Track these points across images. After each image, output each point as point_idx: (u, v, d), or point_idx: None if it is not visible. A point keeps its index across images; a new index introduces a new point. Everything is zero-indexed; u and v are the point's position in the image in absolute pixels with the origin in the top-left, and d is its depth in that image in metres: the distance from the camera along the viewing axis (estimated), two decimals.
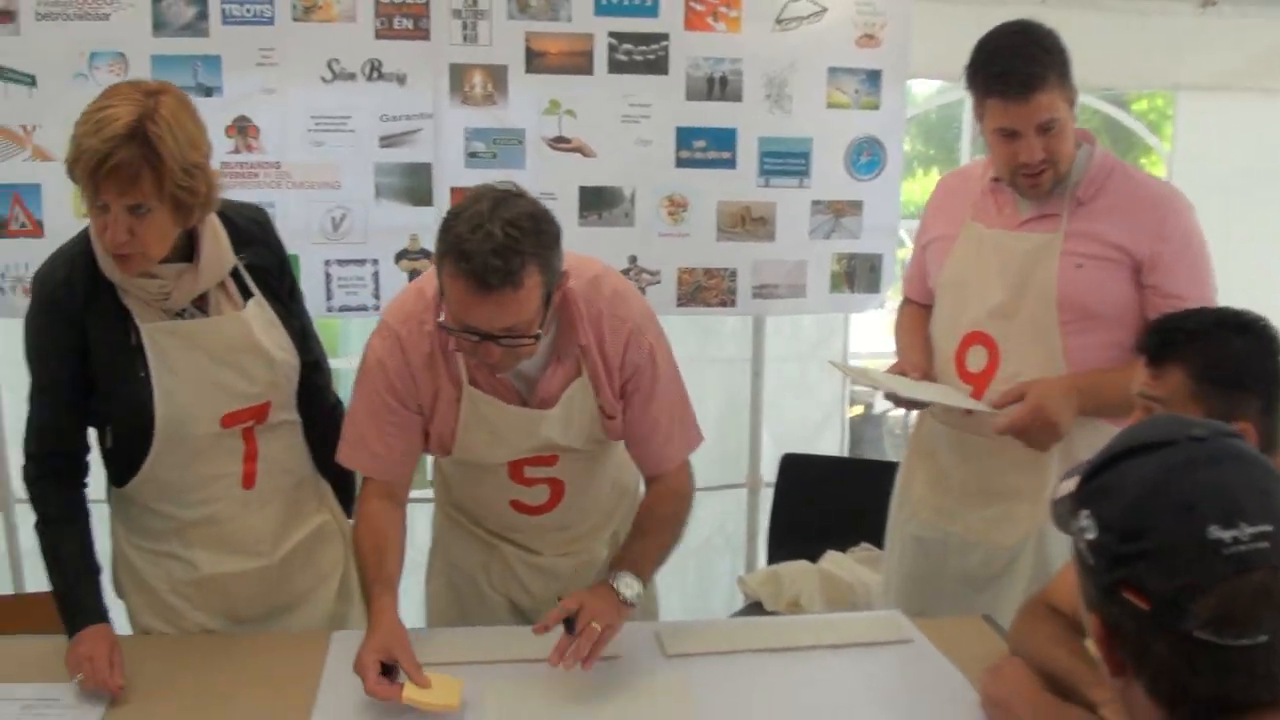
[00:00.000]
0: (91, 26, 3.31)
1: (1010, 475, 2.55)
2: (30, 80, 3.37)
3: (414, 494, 2.39)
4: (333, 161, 3.44)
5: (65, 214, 3.20)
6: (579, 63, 3.46)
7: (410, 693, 1.97)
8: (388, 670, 1.99)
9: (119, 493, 2.35)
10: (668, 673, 2.15)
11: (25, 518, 3.74)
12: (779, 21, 3.50)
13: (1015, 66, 2.33)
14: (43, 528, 2.26)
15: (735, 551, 4.18)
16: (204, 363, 2.21)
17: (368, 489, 2.31)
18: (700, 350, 3.98)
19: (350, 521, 2.45)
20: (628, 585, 2.11)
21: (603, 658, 2.10)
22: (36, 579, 3.74)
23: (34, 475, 2.28)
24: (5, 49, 3.33)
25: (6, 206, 3.43)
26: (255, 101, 3.39)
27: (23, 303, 3.39)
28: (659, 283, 3.59)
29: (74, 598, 2.21)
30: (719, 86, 3.52)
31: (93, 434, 2.31)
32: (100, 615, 2.20)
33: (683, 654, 2.21)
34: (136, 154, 1.95)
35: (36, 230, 3.42)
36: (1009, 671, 1.94)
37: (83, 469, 2.30)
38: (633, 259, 3.57)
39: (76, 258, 2.17)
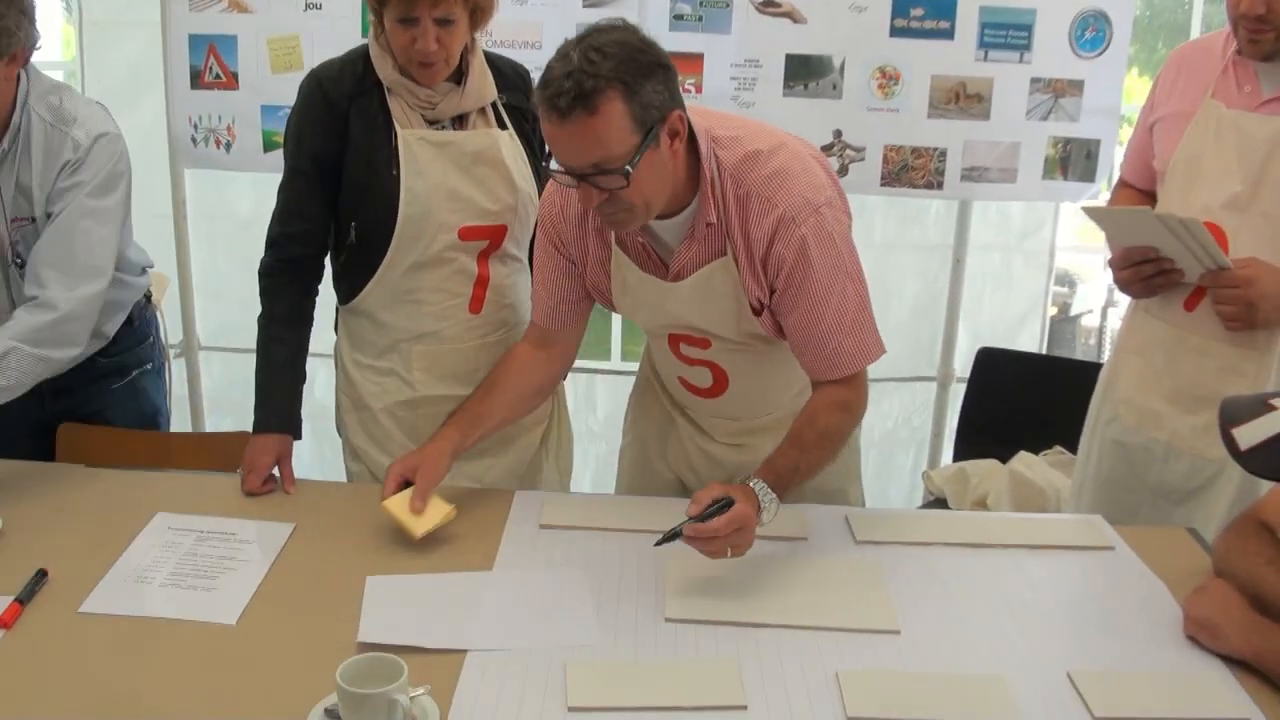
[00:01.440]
0: None
1: (1226, 380, 2.33)
2: None
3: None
4: (534, 20, 3.39)
5: (260, 65, 3.22)
6: None
7: (391, 504, 2.06)
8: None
9: (348, 309, 2.49)
10: (857, 558, 2.07)
11: (208, 365, 3.90)
12: None
13: None
14: (264, 323, 2.40)
15: (919, 446, 4.07)
16: (452, 172, 2.34)
17: (529, 333, 2.31)
18: (900, 234, 3.82)
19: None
20: (768, 511, 1.92)
21: (788, 538, 2.08)
22: (215, 421, 3.90)
23: (269, 266, 2.41)
24: None
25: (201, 57, 3.47)
26: None
27: (216, 155, 3.51)
28: (863, 160, 3.44)
29: (268, 399, 2.37)
30: None
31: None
32: (283, 424, 2.34)
33: (873, 541, 2.13)
34: None
35: (230, 82, 3.47)
36: (1216, 592, 1.82)
37: (315, 272, 2.43)
38: (837, 133, 3.42)
39: (352, 60, 2.35)
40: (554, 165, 1.90)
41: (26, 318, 2.23)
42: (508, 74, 2.46)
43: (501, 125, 2.41)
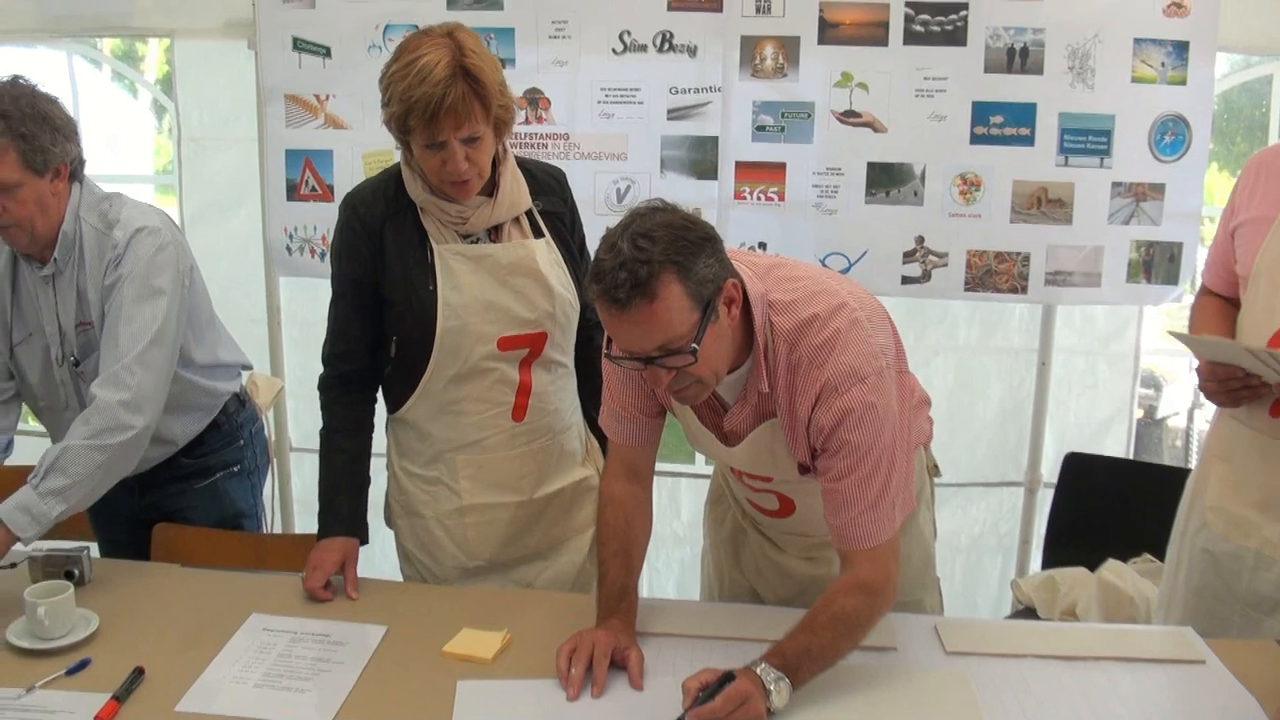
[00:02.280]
0: (386, 1, 3.44)
1: None
2: (325, 51, 3.53)
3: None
4: (621, 133, 3.45)
5: (355, 178, 3.31)
6: (874, 33, 3.33)
7: (451, 647, 2.09)
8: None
9: (396, 418, 2.51)
10: (946, 669, 2.05)
11: (299, 467, 3.96)
12: None
13: None
14: (325, 435, 2.46)
15: (1007, 553, 4.00)
16: (488, 283, 2.37)
17: (613, 465, 2.28)
18: (984, 339, 3.80)
19: None
20: (778, 693, 1.85)
21: (878, 648, 2.06)
22: (305, 522, 3.95)
23: (325, 381, 2.49)
24: (302, 22, 3.52)
25: (298, 171, 3.60)
26: (547, 73, 3.44)
27: (309, 264, 3.63)
28: (946, 265, 3.45)
29: (330, 506, 2.43)
30: (1019, 58, 3.32)
31: None
32: (346, 527, 2.39)
33: (962, 652, 2.10)
34: (465, 89, 2.18)
35: (326, 194, 3.58)
36: None
37: (370, 383, 2.48)
38: (920, 239, 3.44)
39: (384, 182, 2.41)
40: (618, 353, 1.92)
41: (81, 414, 2.32)
42: (541, 179, 2.50)
43: (537, 232, 2.44)
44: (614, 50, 3.40)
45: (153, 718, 1.89)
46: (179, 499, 2.65)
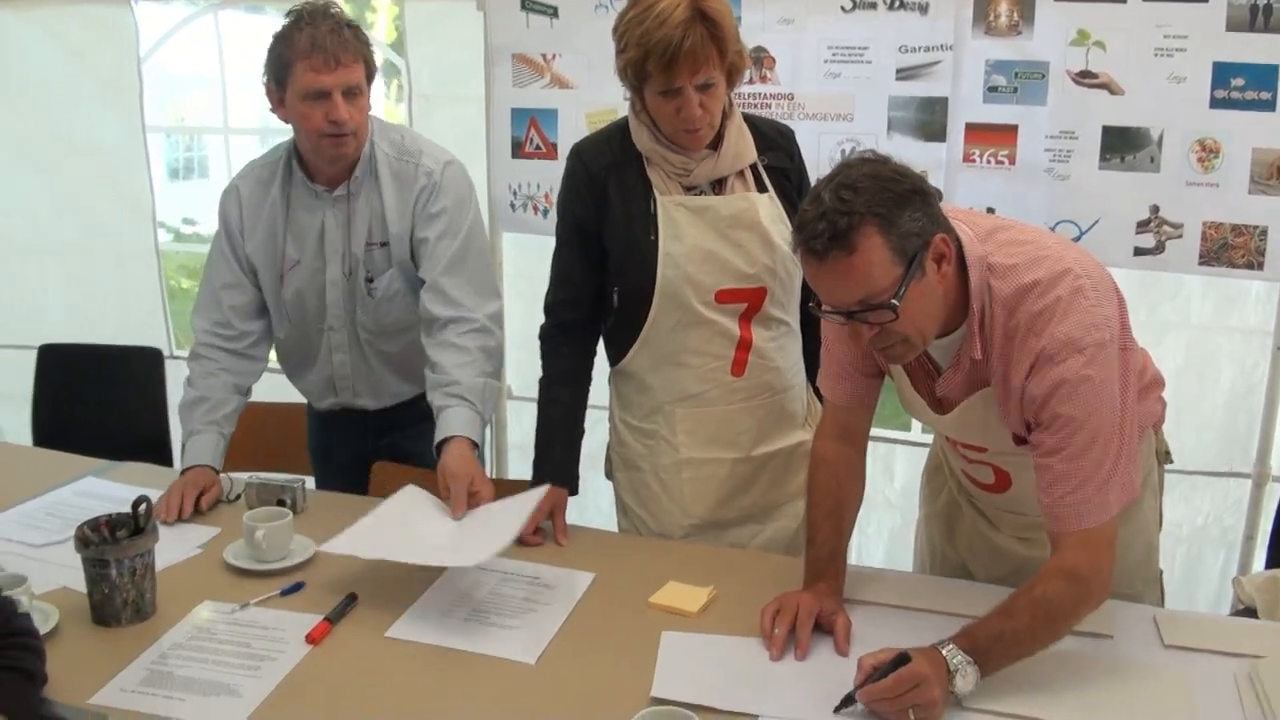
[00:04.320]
0: None
1: None
2: (553, 12, 3.58)
3: None
4: (847, 93, 3.40)
5: (578, 136, 3.34)
6: None
7: (657, 598, 2.13)
8: None
9: (617, 370, 2.56)
10: (1164, 663, 1.95)
11: (516, 415, 4.06)
12: None
13: None
14: (543, 384, 2.53)
15: (1230, 547, 3.79)
16: (708, 235, 2.38)
17: (826, 424, 2.25)
18: (1217, 317, 3.61)
19: None
20: (963, 677, 1.77)
21: (1093, 634, 1.99)
22: (520, 468, 4.05)
23: (545, 331, 2.55)
24: None
25: (523, 129, 3.68)
26: (773, 31, 3.41)
27: (532, 220, 3.70)
28: (1180, 237, 3.28)
29: (544, 455, 2.50)
30: (1263, 16, 3.11)
31: None
32: (560, 478, 2.45)
33: (1181, 646, 2.00)
34: (704, 34, 2.20)
35: (550, 152, 3.65)
36: None
37: (590, 333, 2.53)
38: (1154, 209, 3.28)
39: (611, 133, 2.47)
40: (825, 307, 1.90)
41: (480, 344, 2.53)
42: (769, 135, 2.49)
43: (761, 187, 2.44)
44: (843, 8, 3.34)
45: (363, 641, 1.99)
46: (416, 441, 2.72)
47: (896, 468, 3.93)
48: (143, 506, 2.05)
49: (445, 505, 2.33)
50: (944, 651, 1.78)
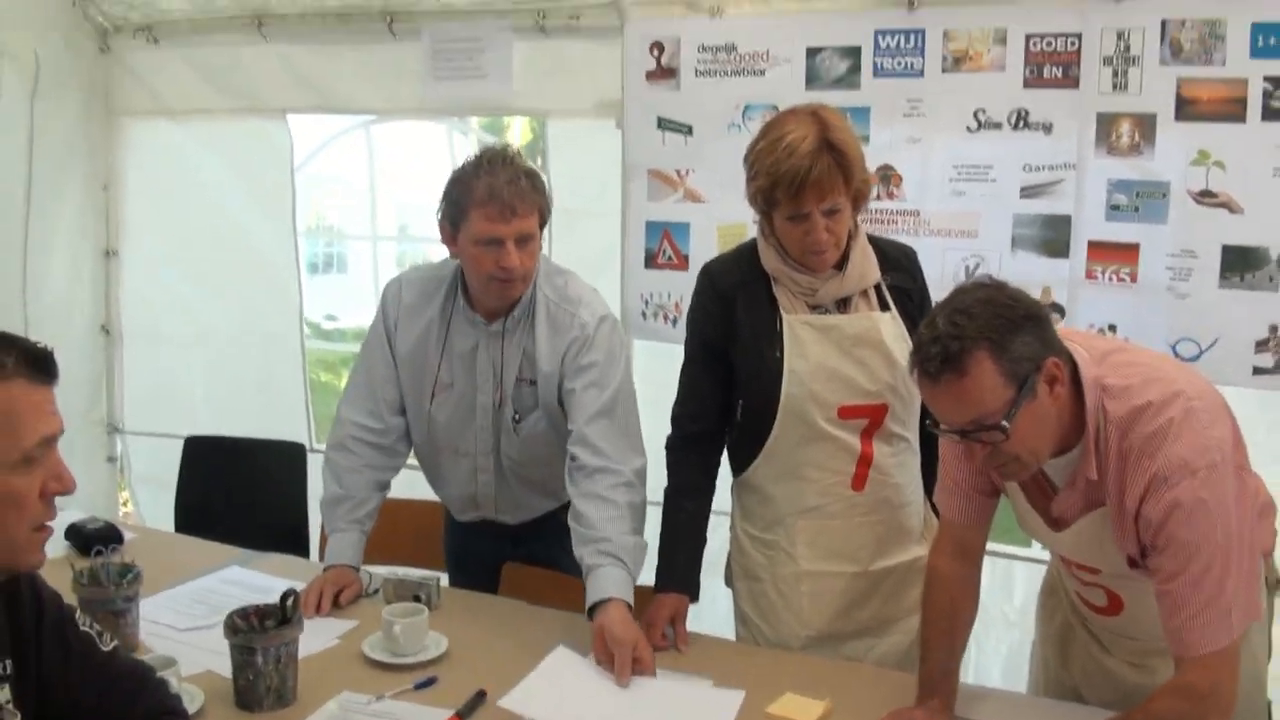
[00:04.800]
0: (747, 82, 3.63)
1: None
2: (688, 130, 3.73)
3: None
4: (972, 210, 3.46)
5: (709, 249, 3.48)
6: (1232, 110, 3.20)
7: (774, 709, 2.17)
8: None
9: (740, 481, 2.61)
10: None
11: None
12: None
13: None
14: (668, 493, 2.60)
15: None
16: (832, 353, 2.46)
17: (942, 540, 2.29)
18: None
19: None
20: None
21: None
22: (647, 575, 4.10)
23: (671, 441, 2.64)
24: (667, 102, 3.74)
25: (656, 241, 3.81)
26: (900, 150, 3.50)
27: (662, 329, 3.81)
28: None
29: (668, 562, 2.55)
30: None
31: None
32: (680, 584, 2.52)
33: None
34: (831, 163, 2.31)
35: (681, 264, 3.77)
36: None
37: (714, 445, 2.61)
38: (1273, 328, 3.25)
39: (740, 254, 2.58)
40: (934, 422, 1.98)
41: (629, 500, 2.54)
42: (892, 255, 2.57)
43: (884, 306, 2.51)
44: (968, 128, 3.42)
45: None
46: (550, 549, 2.81)
47: (1015, 583, 3.90)
48: (290, 599, 2.18)
49: (604, 670, 2.34)
50: None
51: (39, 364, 1.61)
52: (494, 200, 2.48)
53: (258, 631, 2.13)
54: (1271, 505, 2.27)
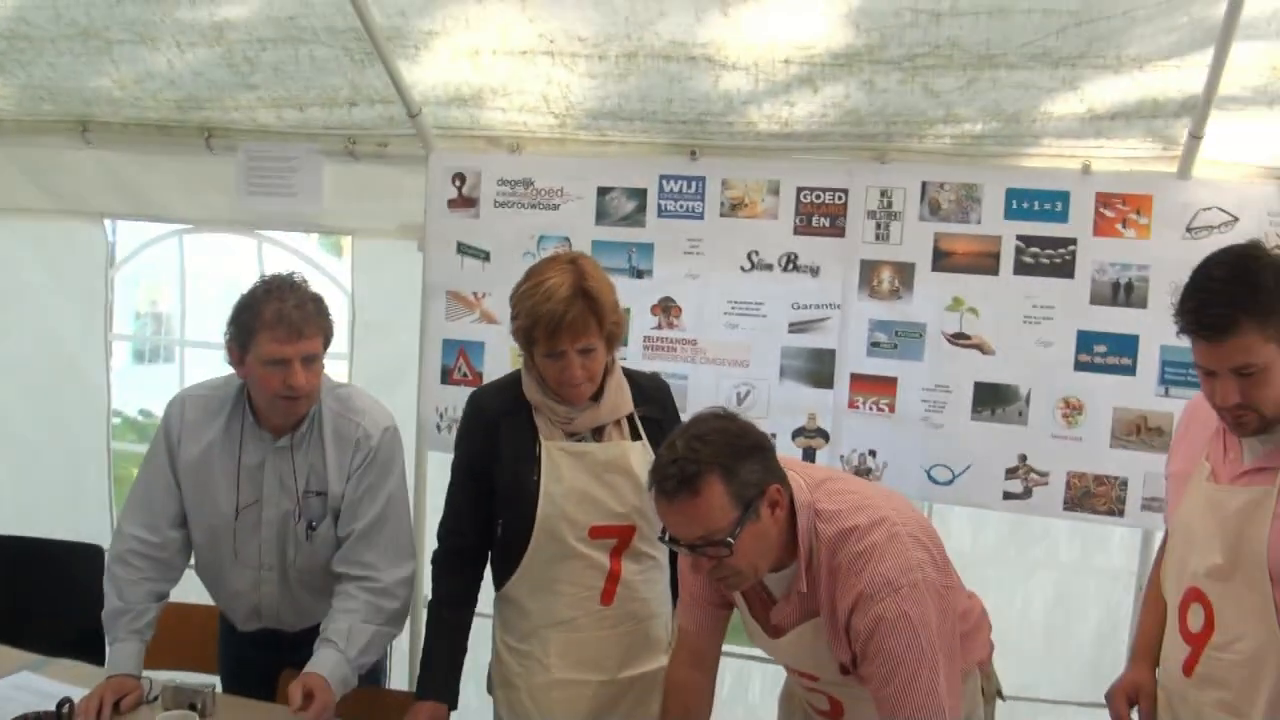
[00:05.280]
0: (542, 214, 3.88)
1: None
2: (485, 255, 3.95)
3: None
4: (744, 342, 3.72)
5: (503, 368, 3.65)
6: (985, 263, 3.53)
7: None
8: None
9: (501, 594, 2.79)
10: None
11: None
12: (1189, 230, 3.41)
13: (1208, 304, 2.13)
14: (432, 605, 2.77)
15: None
16: (585, 478, 2.66)
17: (680, 652, 2.51)
18: (1084, 559, 3.89)
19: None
20: None
21: None
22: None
23: (437, 555, 2.81)
24: (466, 229, 3.96)
25: (453, 358, 4.01)
26: (681, 284, 3.76)
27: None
28: (1047, 484, 3.56)
29: (428, 672, 2.72)
30: (1124, 292, 3.47)
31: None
32: (438, 693, 2.68)
33: None
34: (584, 308, 2.54)
35: (476, 380, 3.95)
36: None
37: (477, 559, 2.79)
38: (1022, 458, 3.57)
39: (507, 384, 2.79)
40: (668, 536, 2.19)
41: (370, 600, 2.76)
42: (645, 388, 2.81)
43: (635, 435, 2.72)
44: (742, 267, 3.69)
45: None
46: None
47: (751, 681, 4.02)
48: (65, 707, 2.27)
49: None
50: None
51: None
52: (282, 323, 2.65)
53: None
54: (986, 620, 2.53)
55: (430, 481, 4.11)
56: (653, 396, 2.81)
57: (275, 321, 2.65)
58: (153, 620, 2.88)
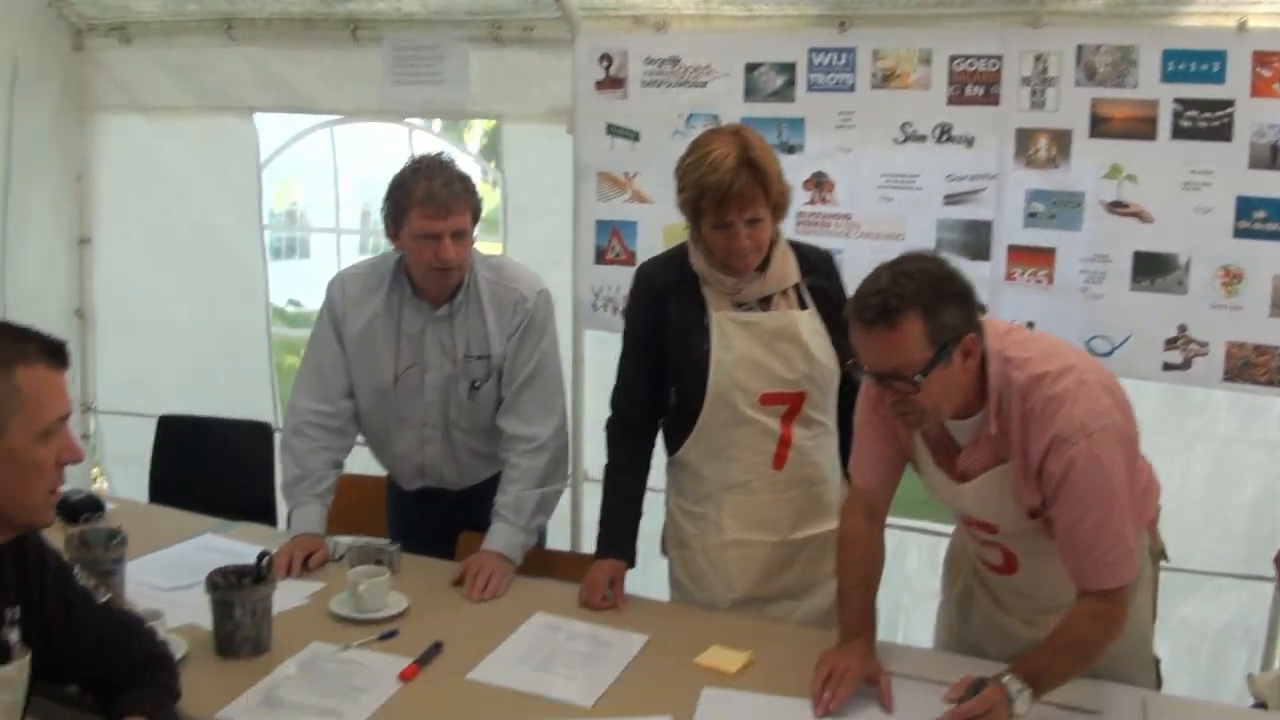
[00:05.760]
0: (690, 93, 3.88)
1: None
2: (635, 136, 3.98)
3: None
4: (898, 215, 3.71)
5: (655, 246, 3.70)
6: (1142, 128, 3.45)
7: (701, 660, 2.41)
8: None
9: (673, 460, 2.86)
10: None
11: (591, 494, 4.36)
12: None
13: None
14: (607, 470, 2.87)
15: (1254, 647, 3.94)
16: (755, 346, 2.70)
17: (853, 503, 2.55)
18: (1242, 430, 3.83)
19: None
20: (1021, 701, 2.10)
21: (1083, 709, 2.24)
22: (589, 543, 4.32)
23: (609, 423, 2.91)
24: (615, 110, 3.98)
25: (605, 238, 4.07)
26: (832, 159, 3.75)
27: (610, 320, 4.06)
28: (1206, 355, 3.51)
29: (606, 532, 2.83)
30: None
31: None
32: (617, 551, 2.79)
33: None
34: (750, 178, 2.55)
35: (629, 260, 4.00)
36: None
37: (649, 427, 2.88)
38: (1181, 328, 3.51)
39: (673, 256, 2.83)
40: (859, 365, 2.22)
41: (530, 465, 2.93)
42: (811, 258, 2.82)
43: (803, 305, 2.75)
44: (895, 140, 3.67)
45: (447, 681, 2.33)
46: (488, 514, 3.04)
47: (908, 553, 4.12)
48: (265, 560, 2.41)
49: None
50: (1004, 680, 2.12)
51: (56, 352, 1.84)
52: (431, 200, 2.77)
53: (236, 588, 2.36)
54: (1156, 485, 2.53)
55: (587, 360, 4.20)
56: (818, 266, 2.82)
57: (425, 199, 2.77)
58: (331, 486, 3.03)
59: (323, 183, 5.05)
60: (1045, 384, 2.18)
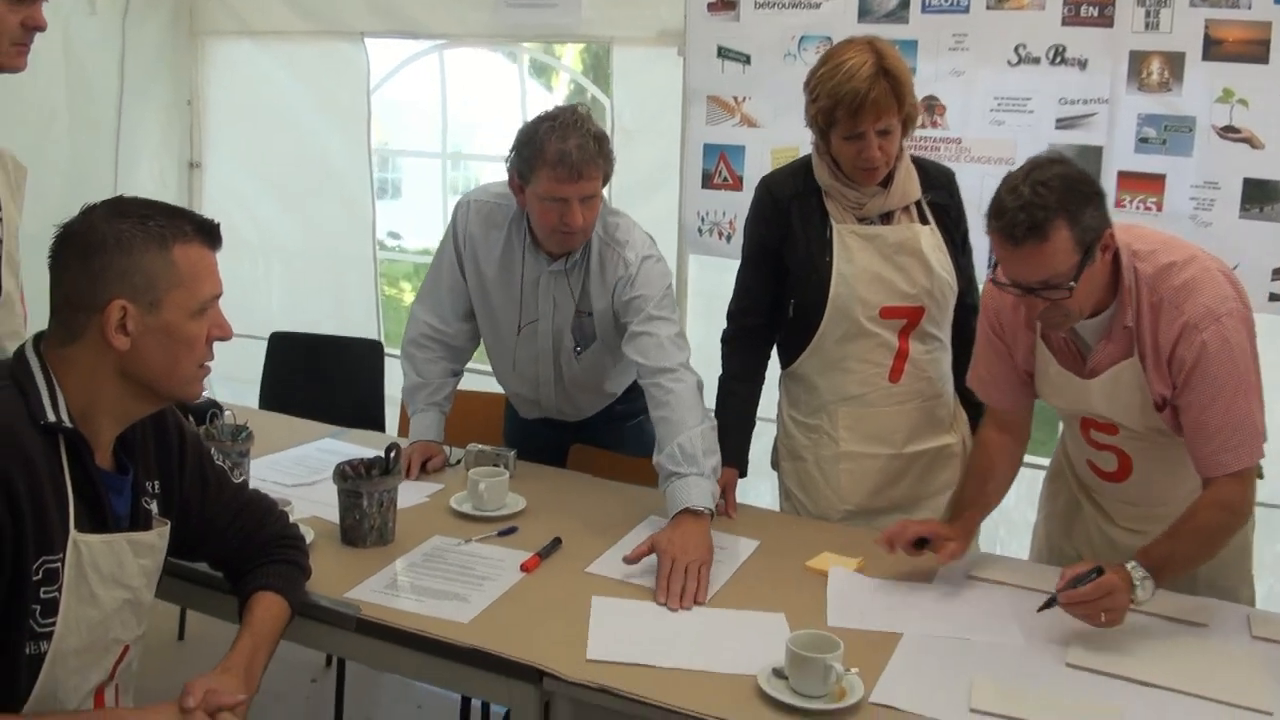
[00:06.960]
0: (803, 14, 3.86)
1: None
2: (745, 59, 3.96)
3: None
4: (1010, 139, 3.67)
5: (763, 171, 3.68)
6: (1256, 51, 3.38)
7: (814, 563, 2.48)
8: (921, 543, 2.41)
9: (788, 373, 2.90)
10: (1250, 649, 2.18)
11: None
12: None
13: None
14: (722, 380, 2.90)
15: None
16: (876, 260, 2.72)
17: (987, 416, 2.59)
18: None
19: None
20: (1144, 588, 2.12)
21: (1190, 622, 2.25)
22: None
23: (726, 334, 2.93)
24: (726, 32, 3.97)
25: (713, 162, 4.07)
26: (945, 82, 3.72)
27: (716, 244, 4.10)
28: None
29: (721, 440, 2.69)
30: None
31: None
32: (730, 459, 2.77)
33: (1269, 639, 2.22)
34: (886, 87, 2.55)
35: (736, 184, 4.02)
36: None
37: (765, 338, 2.89)
38: None
39: (798, 168, 2.83)
40: (1003, 279, 2.23)
41: (677, 399, 2.65)
42: (933, 174, 2.82)
43: (924, 220, 2.76)
44: (1009, 62, 3.63)
45: (567, 573, 2.40)
46: (609, 436, 3.12)
47: None
48: (393, 452, 2.48)
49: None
50: (1128, 567, 2.14)
51: (210, 232, 1.91)
52: (563, 164, 2.62)
53: (364, 478, 2.44)
54: None
55: (691, 283, 4.24)
56: (940, 182, 2.83)
57: (557, 161, 2.63)
58: (450, 395, 3.08)
59: (427, 112, 5.10)
60: (1172, 273, 2.22)
